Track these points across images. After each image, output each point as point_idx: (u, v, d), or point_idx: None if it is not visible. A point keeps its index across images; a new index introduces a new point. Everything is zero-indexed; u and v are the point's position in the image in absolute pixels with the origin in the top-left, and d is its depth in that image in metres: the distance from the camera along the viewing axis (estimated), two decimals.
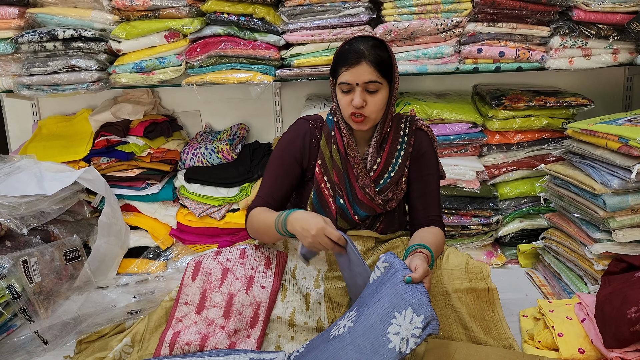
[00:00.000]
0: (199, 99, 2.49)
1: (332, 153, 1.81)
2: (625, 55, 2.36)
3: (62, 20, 2.32)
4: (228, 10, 2.29)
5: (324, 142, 1.82)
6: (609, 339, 1.52)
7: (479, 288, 1.64)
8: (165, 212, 2.58)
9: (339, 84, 1.71)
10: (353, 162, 1.80)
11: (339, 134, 1.81)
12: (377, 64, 1.68)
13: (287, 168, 1.83)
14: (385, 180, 1.82)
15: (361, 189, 1.80)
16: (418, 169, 1.85)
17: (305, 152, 1.83)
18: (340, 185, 1.82)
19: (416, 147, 1.85)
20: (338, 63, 1.72)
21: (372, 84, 1.68)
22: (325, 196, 1.83)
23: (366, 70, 1.67)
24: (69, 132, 2.66)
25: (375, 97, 1.70)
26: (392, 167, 1.82)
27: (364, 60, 1.67)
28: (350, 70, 1.68)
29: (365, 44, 1.69)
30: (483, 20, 2.30)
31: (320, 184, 1.83)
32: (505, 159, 2.47)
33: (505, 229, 2.45)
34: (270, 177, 1.84)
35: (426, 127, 1.88)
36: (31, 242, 2.14)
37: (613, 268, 1.83)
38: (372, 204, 1.81)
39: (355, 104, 1.68)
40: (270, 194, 1.82)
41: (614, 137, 1.83)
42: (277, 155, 1.85)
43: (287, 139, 1.85)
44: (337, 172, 1.81)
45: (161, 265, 2.43)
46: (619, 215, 1.84)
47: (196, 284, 1.73)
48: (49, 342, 1.87)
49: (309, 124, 1.86)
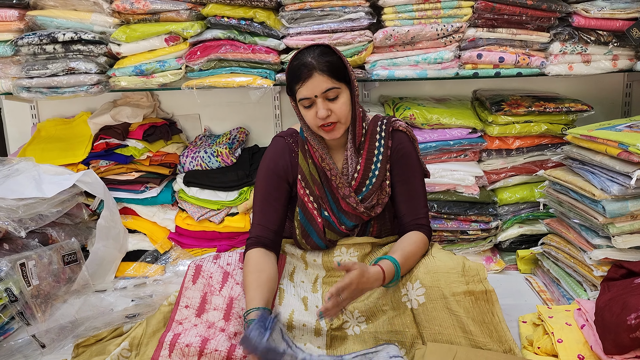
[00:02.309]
0: (199, 102, 2.50)
1: (309, 167, 1.81)
2: (625, 61, 2.36)
3: (62, 22, 2.32)
4: (228, 14, 2.29)
5: (302, 157, 1.83)
6: (609, 346, 1.51)
7: (477, 290, 1.63)
8: (164, 216, 2.58)
9: (299, 101, 1.71)
10: (330, 174, 1.79)
11: (312, 149, 1.80)
12: (330, 71, 1.68)
13: (274, 189, 1.83)
14: (368, 187, 1.81)
15: (343, 200, 1.80)
16: (401, 171, 1.84)
17: (288, 168, 1.83)
18: (322, 198, 1.82)
19: (395, 149, 1.83)
20: (292, 81, 1.71)
21: (331, 91, 1.68)
22: (310, 210, 1.83)
23: (320, 80, 1.67)
24: (68, 134, 2.66)
25: (338, 102, 1.70)
26: (372, 172, 1.81)
27: (316, 72, 1.67)
28: (305, 85, 1.67)
29: (312, 54, 1.69)
30: (483, 25, 2.30)
31: (303, 198, 1.82)
32: (504, 164, 2.47)
33: (504, 235, 2.45)
34: (261, 203, 1.83)
35: (404, 127, 1.85)
36: (29, 245, 2.14)
37: (613, 274, 1.83)
38: (357, 212, 1.80)
39: (321, 116, 1.68)
40: (266, 219, 1.81)
41: (613, 143, 1.83)
42: (261, 179, 1.84)
43: (267, 160, 1.85)
44: (317, 186, 1.81)
45: (159, 269, 2.43)
46: (619, 221, 1.84)
47: (197, 287, 1.72)
48: (47, 345, 1.86)
49: (284, 140, 1.86)
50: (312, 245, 1.86)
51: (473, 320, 1.61)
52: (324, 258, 1.87)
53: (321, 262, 1.87)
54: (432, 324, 1.62)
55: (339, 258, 1.85)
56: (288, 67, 1.74)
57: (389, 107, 2.58)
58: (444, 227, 2.40)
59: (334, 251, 1.86)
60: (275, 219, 1.81)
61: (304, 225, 1.84)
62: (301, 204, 1.83)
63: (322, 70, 1.67)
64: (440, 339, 1.61)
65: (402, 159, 1.83)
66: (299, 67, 1.69)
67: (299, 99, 1.70)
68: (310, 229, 1.84)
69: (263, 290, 1.65)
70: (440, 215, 2.40)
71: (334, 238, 1.85)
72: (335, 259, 1.85)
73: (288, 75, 1.74)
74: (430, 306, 1.63)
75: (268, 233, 1.80)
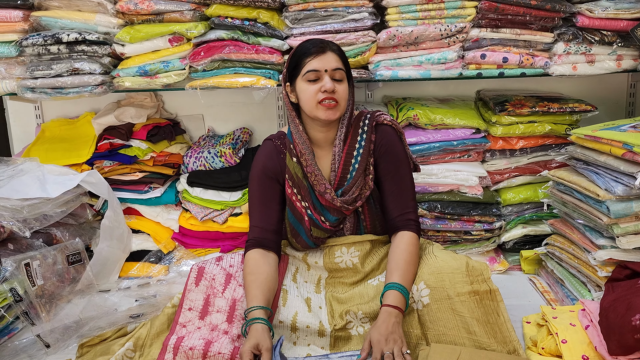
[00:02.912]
0: (202, 102, 2.50)
1: (294, 166, 1.83)
2: (629, 61, 2.36)
3: (66, 23, 2.33)
4: (232, 15, 2.29)
5: (288, 157, 1.85)
6: (613, 346, 1.51)
7: (481, 290, 1.63)
8: (167, 216, 2.58)
9: (305, 74, 1.75)
10: (306, 170, 1.81)
11: (296, 147, 1.82)
12: (340, 55, 1.78)
13: (268, 190, 1.85)
14: (348, 180, 1.83)
15: (320, 196, 1.82)
16: (387, 166, 1.85)
17: (277, 169, 1.85)
18: (306, 195, 1.83)
19: (380, 143, 1.85)
20: (302, 55, 1.76)
21: (339, 71, 1.75)
22: (299, 209, 1.84)
23: (332, 57, 1.75)
24: (72, 135, 2.66)
25: (342, 85, 1.77)
26: (352, 166, 1.82)
27: (328, 49, 1.76)
28: (317, 57, 1.74)
29: (324, 39, 1.80)
30: (487, 26, 2.30)
31: (291, 197, 1.84)
32: (508, 164, 2.47)
33: (508, 235, 2.45)
34: (257, 205, 1.85)
35: (390, 121, 1.87)
36: (34, 245, 2.14)
37: (617, 275, 1.82)
38: (336, 207, 1.82)
39: (328, 87, 1.72)
40: (263, 221, 1.83)
41: (618, 143, 1.82)
42: (254, 181, 1.86)
43: (258, 163, 1.88)
44: (301, 184, 1.83)
45: (163, 269, 2.43)
46: (623, 221, 1.84)
47: (199, 290, 1.73)
48: (51, 345, 1.87)
49: (273, 142, 1.90)
50: (302, 244, 1.88)
51: (477, 321, 1.61)
52: (325, 259, 1.87)
53: (322, 264, 1.87)
54: (437, 325, 1.62)
55: (340, 259, 1.85)
56: (296, 48, 1.80)
57: (392, 108, 2.58)
58: (447, 228, 2.40)
59: (334, 252, 1.86)
60: (272, 219, 1.83)
61: (294, 224, 1.85)
62: (290, 203, 1.84)
63: (334, 50, 1.76)
64: (444, 340, 1.61)
65: (388, 154, 1.85)
66: (311, 44, 1.76)
67: (307, 71, 1.74)
68: (299, 228, 1.85)
69: (263, 290, 1.67)
70: (444, 216, 2.39)
71: (320, 235, 1.86)
72: (337, 260, 1.86)
73: (296, 52, 1.79)
74: (435, 307, 1.63)
75: (266, 233, 1.81)
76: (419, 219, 1.90)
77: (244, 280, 1.73)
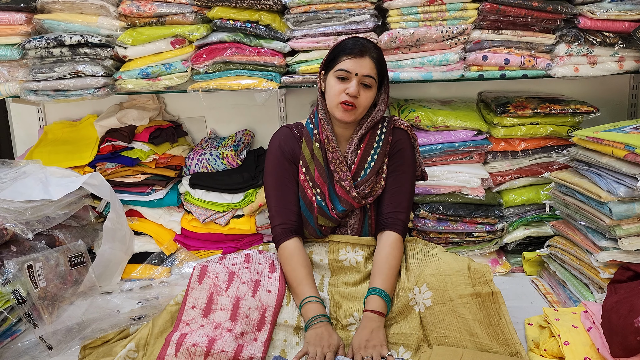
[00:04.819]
0: (204, 105, 2.50)
1: (313, 150, 1.87)
2: (631, 63, 2.35)
3: (69, 26, 2.33)
4: (234, 17, 2.30)
5: (305, 145, 1.89)
6: (616, 348, 1.51)
7: (483, 292, 1.64)
8: (169, 218, 2.59)
9: (337, 70, 1.77)
10: (331, 157, 1.85)
11: (322, 129, 1.87)
12: (378, 62, 1.79)
13: (285, 175, 1.89)
14: (362, 176, 1.87)
15: (337, 182, 1.85)
16: (394, 164, 1.91)
17: (294, 152, 1.90)
18: (321, 181, 1.87)
19: (394, 144, 1.91)
20: (341, 52, 1.78)
21: (369, 78, 1.78)
22: (309, 196, 1.89)
23: (368, 64, 1.77)
24: (74, 137, 2.67)
25: (368, 93, 1.80)
26: (369, 163, 1.87)
27: (368, 55, 1.77)
28: (353, 59, 1.76)
29: (369, 43, 1.80)
30: (488, 27, 2.30)
31: (303, 184, 1.89)
32: (510, 166, 2.47)
33: (510, 237, 2.45)
34: (275, 189, 1.89)
35: (406, 126, 1.94)
36: (36, 247, 2.15)
37: (619, 276, 1.82)
38: (349, 197, 1.85)
39: (352, 92, 1.75)
40: (284, 205, 1.87)
41: (620, 144, 1.82)
42: (271, 164, 1.90)
43: (274, 147, 1.92)
44: (319, 168, 1.86)
45: (165, 271, 2.43)
46: (625, 223, 1.83)
47: (203, 288, 1.73)
48: (53, 347, 1.87)
49: (289, 129, 1.95)
50: (310, 232, 1.92)
51: (479, 323, 1.61)
52: (329, 256, 1.89)
53: (327, 262, 1.89)
54: (439, 327, 1.63)
55: (345, 256, 1.87)
56: (340, 42, 1.83)
57: (394, 109, 2.58)
58: (449, 229, 2.40)
59: (339, 250, 1.88)
60: (294, 201, 1.89)
61: (304, 212, 1.90)
62: (302, 190, 1.89)
63: (373, 57, 1.78)
64: (446, 342, 1.61)
65: (398, 154, 1.91)
66: (354, 44, 1.78)
67: (338, 69, 1.77)
68: (309, 216, 1.90)
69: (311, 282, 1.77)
70: (446, 218, 2.39)
71: (325, 224, 1.89)
72: (341, 257, 1.87)
73: (338, 47, 1.81)
74: (437, 309, 1.63)
75: (291, 216, 1.87)
76: (409, 222, 1.94)
77: (291, 273, 1.79)
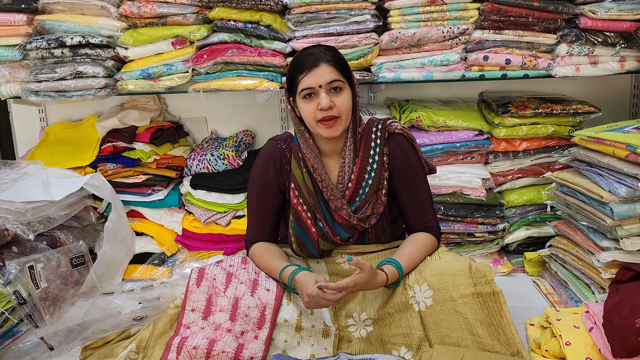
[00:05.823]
0: (205, 105, 2.50)
1: (303, 176, 1.78)
2: (632, 62, 2.35)
3: (70, 27, 2.33)
4: (235, 18, 2.30)
5: (295, 164, 1.79)
6: (617, 348, 1.50)
7: (484, 292, 1.63)
8: (170, 219, 2.59)
9: (300, 92, 1.67)
10: (322, 186, 1.76)
11: (305, 157, 1.78)
12: (336, 63, 1.67)
13: (267, 196, 1.84)
14: (361, 197, 1.77)
15: (335, 212, 1.78)
16: (402, 178, 1.81)
17: (279, 175, 1.82)
18: (317, 208, 1.79)
19: (393, 155, 1.79)
20: (295, 71, 1.68)
21: (336, 82, 1.66)
22: (304, 219, 1.80)
23: (327, 70, 1.65)
24: (75, 138, 2.67)
25: (342, 96, 1.67)
26: (366, 182, 1.77)
27: (322, 62, 1.65)
28: (310, 74, 1.65)
29: (319, 49, 1.68)
30: (489, 27, 2.30)
31: (297, 207, 1.80)
32: (511, 166, 2.47)
33: (511, 237, 2.44)
34: (254, 209, 1.86)
35: (401, 129, 1.80)
36: (37, 248, 2.15)
37: (621, 276, 1.82)
38: (351, 224, 1.79)
39: (323, 105, 1.63)
40: (260, 226, 1.86)
41: (621, 144, 1.82)
42: (254, 184, 1.85)
43: (259, 165, 1.84)
44: (312, 196, 1.79)
45: (166, 272, 2.43)
46: (627, 223, 1.83)
47: (201, 290, 1.73)
48: (55, 348, 1.87)
49: (278, 144, 1.84)
50: (307, 254, 1.86)
51: (481, 323, 1.61)
52: (327, 259, 1.88)
53: (325, 266, 1.87)
54: (440, 326, 1.62)
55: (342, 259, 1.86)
56: (291, 62, 1.72)
57: (395, 110, 2.58)
58: (450, 230, 2.40)
59: (337, 258, 1.87)
60: (268, 226, 1.87)
61: (299, 234, 1.82)
62: (294, 213, 1.81)
63: (329, 60, 1.66)
64: (447, 342, 1.61)
65: (403, 166, 1.80)
66: (304, 57, 1.67)
67: (301, 90, 1.67)
68: (305, 238, 1.83)
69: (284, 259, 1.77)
70: (447, 218, 2.39)
71: (327, 248, 1.84)
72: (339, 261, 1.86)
73: (291, 68, 1.71)
74: (438, 309, 1.63)
75: (263, 236, 1.86)
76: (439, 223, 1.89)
77: (261, 264, 1.80)
